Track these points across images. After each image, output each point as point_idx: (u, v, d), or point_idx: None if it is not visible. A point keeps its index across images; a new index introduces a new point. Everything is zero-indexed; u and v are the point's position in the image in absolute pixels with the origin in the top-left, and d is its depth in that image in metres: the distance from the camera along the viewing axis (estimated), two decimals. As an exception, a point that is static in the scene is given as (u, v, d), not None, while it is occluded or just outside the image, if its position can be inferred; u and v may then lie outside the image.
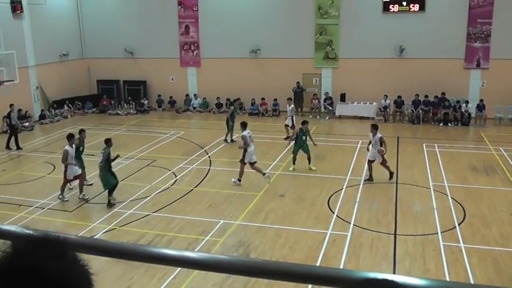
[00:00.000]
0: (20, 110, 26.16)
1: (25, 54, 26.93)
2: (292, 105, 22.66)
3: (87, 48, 32.20)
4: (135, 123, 27.04)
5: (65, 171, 15.12)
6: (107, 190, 14.67)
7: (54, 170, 18.35)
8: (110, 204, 14.54)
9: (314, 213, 13.76)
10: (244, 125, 16.63)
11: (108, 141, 14.75)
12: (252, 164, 16.19)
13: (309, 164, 17.47)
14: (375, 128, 16.44)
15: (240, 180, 16.12)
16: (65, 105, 29.59)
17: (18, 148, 21.62)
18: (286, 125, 22.12)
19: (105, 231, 12.86)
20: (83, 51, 32.19)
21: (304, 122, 17.74)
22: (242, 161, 16.11)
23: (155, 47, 30.27)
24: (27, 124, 26.21)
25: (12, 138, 21.84)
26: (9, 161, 19.90)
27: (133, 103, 30.23)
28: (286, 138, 21.14)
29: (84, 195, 15.27)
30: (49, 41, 28.80)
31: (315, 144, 17.77)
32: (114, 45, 31.01)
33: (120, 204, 14.73)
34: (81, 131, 16.27)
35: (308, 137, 17.58)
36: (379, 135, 16.28)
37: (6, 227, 2.46)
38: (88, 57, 32.24)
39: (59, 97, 29.45)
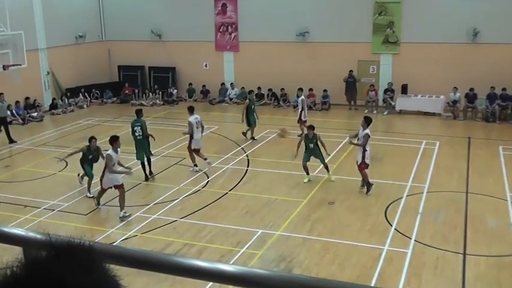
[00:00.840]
0: (27, 98, 26.81)
1: (35, 35, 27.58)
2: (303, 97, 22.22)
3: (107, 29, 32.76)
4: (161, 115, 27.33)
5: (102, 177, 14.63)
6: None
7: (66, 167, 18.73)
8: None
9: (368, 225, 13.64)
10: (191, 110, 18.15)
11: (139, 112, 17.21)
12: (196, 150, 17.77)
13: (328, 173, 16.95)
14: (367, 121, 15.88)
15: (196, 166, 17.79)
16: (80, 94, 30.12)
17: (11, 141, 21.94)
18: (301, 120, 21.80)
19: (124, 239, 13.06)
20: (102, 33, 32.77)
21: (310, 127, 17.16)
22: (189, 148, 17.87)
23: (186, 29, 30.53)
24: (35, 114, 26.85)
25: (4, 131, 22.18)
26: (16, 155, 20.37)
27: (160, 92, 30.57)
28: (300, 135, 20.56)
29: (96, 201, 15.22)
30: (63, 20, 29.37)
31: (328, 154, 17.30)
32: (138, 26, 31.43)
33: (143, 208, 14.97)
34: (91, 139, 16.23)
35: (319, 144, 16.89)
36: (367, 131, 15.76)
37: (18, 230, 2.51)
38: (108, 39, 32.83)
39: (74, 84, 30.04)
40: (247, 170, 18.12)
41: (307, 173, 16.88)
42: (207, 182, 16.99)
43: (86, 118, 26.97)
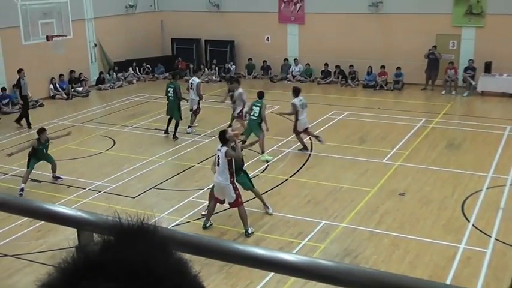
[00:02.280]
0: (72, 72, 27.42)
1: (81, 4, 28.10)
2: (241, 90, 20.19)
3: (160, -2, 33.11)
4: (217, 92, 27.53)
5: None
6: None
7: (114, 145, 19.16)
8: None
9: (443, 220, 13.46)
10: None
11: (175, 75, 19.02)
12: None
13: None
14: (294, 91, 18.37)
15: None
16: (131, 68, 30.63)
17: (29, 126, 21.69)
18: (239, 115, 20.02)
19: (176, 224, 13.28)
20: (155, 3, 33.19)
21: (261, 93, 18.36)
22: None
23: (247, -2, 30.57)
24: (80, 89, 27.48)
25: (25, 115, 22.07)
26: (58, 132, 20.80)
27: (217, 68, 30.84)
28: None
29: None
30: (112, -12, 29.80)
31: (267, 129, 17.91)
32: (195, -5, 31.67)
33: (197, 192, 15.18)
34: (42, 131, 16.06)
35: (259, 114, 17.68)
36: (294, 100, 18.02)
37: (73, 211, 2.59)
38: (161, 9, 33.23)
39: (123, 58, 30.54)
40: (310, 154, 18.12)
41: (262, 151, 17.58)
42: (267, 166, 17.09)
43: (136, 94, 27.45)
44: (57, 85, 26.86)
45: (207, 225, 13.07)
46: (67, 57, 26.06)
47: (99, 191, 15.48)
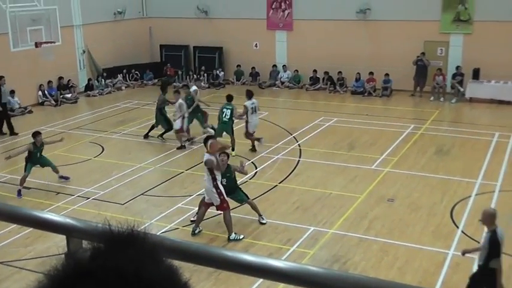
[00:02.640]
0: (61, 78, 27.35)
1: (70, 10, 28.03)
2: (181, 101, 19.70)
3: (148, 5, 33.19)
4: (206, 99, 27.42)
5: None
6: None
7: (102, 152, 19.10)
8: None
9: (432, 226, 13.48)
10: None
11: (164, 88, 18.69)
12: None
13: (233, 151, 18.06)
14: (247, 94, 19.16)
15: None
16: (120, 75, 30.59)
17: (13, 133, 21.58)
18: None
19: (165, 231, 13.23)
20: (143, 9, 33.16)
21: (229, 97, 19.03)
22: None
23: (235, 5, 30.65)
24: (69, 96, 27.45)
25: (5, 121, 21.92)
26: (49, 138, 20.69)
27: (206, 74, 30.80)
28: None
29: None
30: (100, -6, 29.73)
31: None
32: (183, 1, 31.72)
33: (186, 199, 15.16)
34: (36, 134, 16.16)
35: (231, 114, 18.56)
36: (246, 102, 18.73)
37: (62, 218, 2.57)
38: (150, 16, 33.22)
39: (111, 64, 30.47)
40: (299, 161, 18.12)
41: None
42: (255, 173, 17.08)
43: (125, 101, 27.37)
44: (46, 92, 26.76)
45: (196, 231, 13.04)
46: (56, 63, 25.99)
47: (88, 198, 15.41)
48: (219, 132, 18.58)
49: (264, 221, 13.65)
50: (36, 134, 16.07)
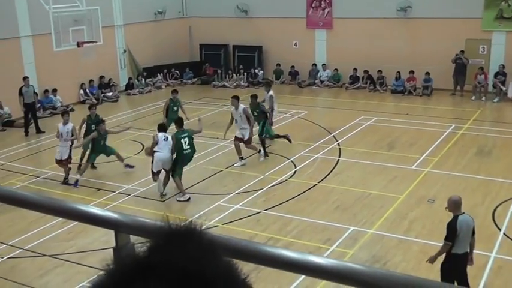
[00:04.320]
0: (102, 77, 27.77)
1: (111, 11, 28.46)
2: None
3: (188, 5, 33.38)
4: (245, 97, 27.46)
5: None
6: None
7: (142, 149, 19.29)
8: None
9: (474, 227, 13.31)
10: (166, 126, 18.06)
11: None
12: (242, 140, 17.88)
13: None
14: (268, 83, 20.16)
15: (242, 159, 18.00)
16: (160, 74, 30.93)
17: (39, 132, 22.25)
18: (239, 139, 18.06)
19: (204, 229, 13.27)
20: (183, 9, 33.38)
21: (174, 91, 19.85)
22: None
23: (275, 4, 30.63)
24: (110, 94, 27.90)
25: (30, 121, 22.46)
26: (113, 128, 20.99)
27: (245, 73, 30.91)
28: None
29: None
30: (141, -5, 30.04)
31: (187, 118, 18.61)
32: (223, 1, 31.84)
33: (225, 197, 15.25)
34: (101, 121, 17.09)
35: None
36: (271, 92, 19.44)
37: (111, 213, 2.62)
38: (190, 16, 33.44)
39: (152, 64, 30.82)
40: (338, 160, 18.07)
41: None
42: (295, 171, 17.07)
43: (164, 99, 27.41)
44: (87, 90, 27.20)
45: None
46: (97, 63, 26.38)
47: (129, 194, 15.64)
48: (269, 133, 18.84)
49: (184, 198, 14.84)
50: (101, 122, 16.89)
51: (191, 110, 22.20)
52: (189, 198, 15.10)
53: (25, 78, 22.57)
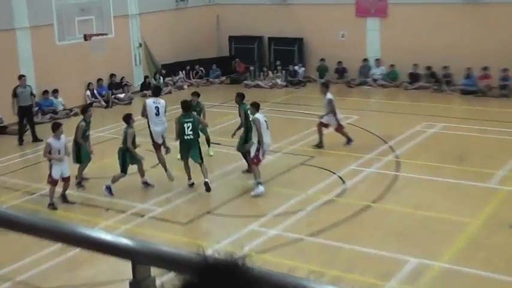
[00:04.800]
0: (113, 76, 27.80)
1: (125, -2, 28.58)
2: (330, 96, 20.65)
3: (216, -10, 33.55)
4: (283, 100, 27.50)
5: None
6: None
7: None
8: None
9: None
10: (256, 106, 17.25)
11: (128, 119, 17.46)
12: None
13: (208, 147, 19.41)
14: (325, 85, 21.08)
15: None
16: (183, 72, 30.97)
17: (36, 140, 22.10)
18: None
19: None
20: (210, -5, 33.51)
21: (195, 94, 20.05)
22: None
23: (319, -12, 30.72)
24: (122, 95, 28.00)
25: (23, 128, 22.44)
26: (97, 145, 20.82)
27: (283, 71, 30.86)
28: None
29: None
30: (160, -21, 30.34)
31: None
32: (257, -15, 31.94)
33: (259, 220, 15.06)
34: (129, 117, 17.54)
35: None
36: (329, 96, 20.20)
37: (134, 242, 2.46)
38: (217, 3, 33.76)
39: (172, 59, 30.96)
40: (397, 175, 17.81)
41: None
42: (343, 189, 16.83)
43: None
44: (95, 91, 27.33)
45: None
46: (107, 59, 26.50)
47: (143, 215, 15.51)
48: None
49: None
50: (128, 120, 17.53)
51: (219, 115, 21.97)
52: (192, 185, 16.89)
53: (21, 77, 22.61)
